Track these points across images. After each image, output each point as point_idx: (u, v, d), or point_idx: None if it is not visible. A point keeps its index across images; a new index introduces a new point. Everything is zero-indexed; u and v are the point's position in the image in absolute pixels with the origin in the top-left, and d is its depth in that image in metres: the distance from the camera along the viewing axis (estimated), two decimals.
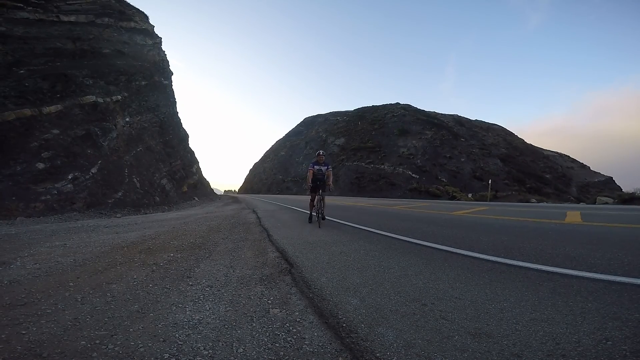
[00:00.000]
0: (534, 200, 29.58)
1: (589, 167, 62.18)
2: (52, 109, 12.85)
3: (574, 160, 65.26)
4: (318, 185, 7.81)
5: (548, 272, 3.17)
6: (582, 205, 21.06)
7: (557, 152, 68.83)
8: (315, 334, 2.03)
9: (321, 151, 8.06)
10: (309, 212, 8.58)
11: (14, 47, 13.75)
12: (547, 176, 52.06)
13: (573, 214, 9.72)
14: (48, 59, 14.63)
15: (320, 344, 1.90)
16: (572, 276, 3.03)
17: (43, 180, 11.08)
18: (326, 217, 8.35)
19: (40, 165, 11.26)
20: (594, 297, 2.48)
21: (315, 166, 7.92)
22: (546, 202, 29.36)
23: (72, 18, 16.99)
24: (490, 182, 34.51)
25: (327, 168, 7.97)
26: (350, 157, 55.89)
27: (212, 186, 41.89)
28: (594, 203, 23.83)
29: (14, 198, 9.92)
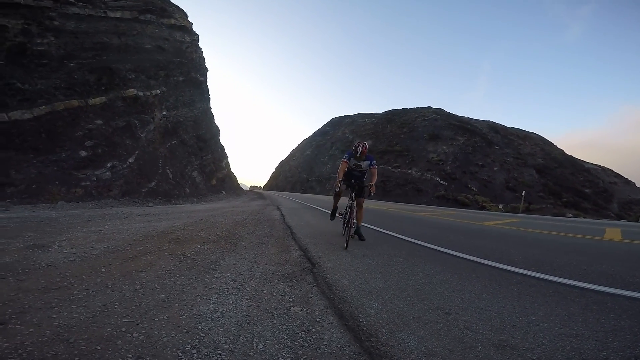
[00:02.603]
0: (570, 215, 28.00)
1: (634, 183, 57.96)
2: (97, 100, 13.65)
3: (617, 175, 60.99)
4: (352, 185, 5.36)
5: (581, 288, 3.06)
6: (623, 222, 19.71)
7: (599, 166, 64.64)
8: (335, 335, 2.03)
9: (365, 143, 5.54)
10: (331, 212, 6.33)
11: (66, 40, 14.70)
12: (587, 190, 48.99)
13: (612, 231, 9.16)
14: (95, 52, 15.53)
15: (339, 346, 1.89)
16: (606, 293, 2.92)
17: (84, 167, 11.77)
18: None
19: (83, 153, 11.97)
20: (628, 315, 2.40)
21: (352, 159, 5.52)
22: (583, 217, 27.70)
23: (118, 14, 17.94)
24: (523, 193, 33.00)
25: (371, 164, 5.53)
26: (376, 160, 55.30)
27: (239, 181, 42.84)
28: (637, 221, 22.25)
29: (57, 183, 10.61)
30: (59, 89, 12.68)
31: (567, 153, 65.30)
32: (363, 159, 5.50)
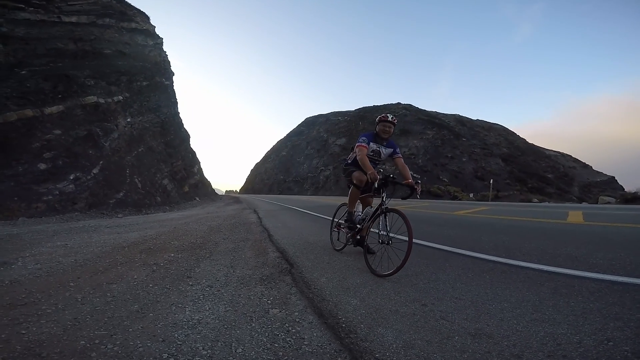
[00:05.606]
0: (536, 200, 29.50)
1: (591, 167, 61.92)
2: (54, 109, 12.89)
3: (576, 160, 64.97)
4: (384, 182, 3.68)
5: (549, 272, 3.14)
6: (584, 205, 20.98)
7: (559, 152, 68.55)
8: (315, 334, 2.02)
9: (390, 116, 3.96)
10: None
11: (16, 47, 13.79)
12: (549, 176, 51.87)
13: (575, 214, 9.70)
14: (50, 59, 14.66)
15: (320, 344, 1.89)
16: (573, 276, 3.00)
17: (45, 181, 11.10)
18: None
19: (42, 166, 11.28)
20: (595, 298, 2.44)
21: (371, 143, 4.02)
22: (548, 202, 29.28)
23: (74, 19, 17.02)
24: (492, 182, 34.42)
25: (396, 152, 4.14)
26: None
27: (213, 186, 41.94)
28: (596, 203, 23.76)
29: (15, 198, 9.95)
30: (11, 99, 11.87)
31: (529, 142, 68.76)
32: (383, 144, 4.08)
